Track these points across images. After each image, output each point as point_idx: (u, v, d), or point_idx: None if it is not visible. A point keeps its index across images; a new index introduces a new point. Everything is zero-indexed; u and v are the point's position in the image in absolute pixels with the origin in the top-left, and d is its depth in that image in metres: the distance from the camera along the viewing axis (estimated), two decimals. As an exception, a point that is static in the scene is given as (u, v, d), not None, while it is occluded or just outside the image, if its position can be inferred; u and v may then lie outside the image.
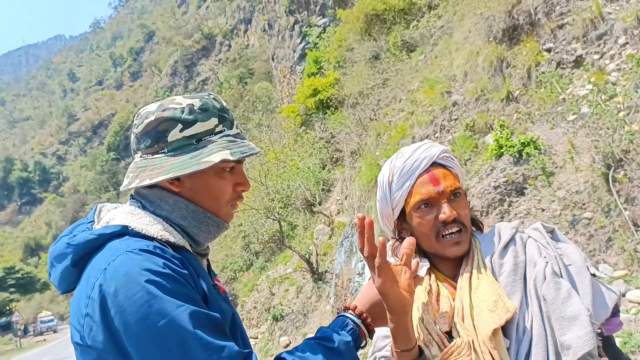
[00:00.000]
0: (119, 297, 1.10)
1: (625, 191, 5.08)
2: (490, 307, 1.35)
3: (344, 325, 1.27)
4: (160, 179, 1.25)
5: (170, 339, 1.08)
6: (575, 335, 1.27)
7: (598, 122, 5.51)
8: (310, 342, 1.23)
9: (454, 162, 1.53)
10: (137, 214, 1.29)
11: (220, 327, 1.16)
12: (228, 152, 1.27)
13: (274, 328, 11.84)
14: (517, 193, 6.33)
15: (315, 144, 16.10)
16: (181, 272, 1.17)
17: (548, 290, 1.34)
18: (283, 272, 13.75)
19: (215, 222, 1.35)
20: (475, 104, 8.26)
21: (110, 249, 1.19)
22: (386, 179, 1.54)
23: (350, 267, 9.85)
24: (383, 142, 10.88)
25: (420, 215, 1.47)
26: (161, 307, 1.09)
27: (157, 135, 1.29)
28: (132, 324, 1.08)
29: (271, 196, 14.35)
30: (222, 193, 1.33)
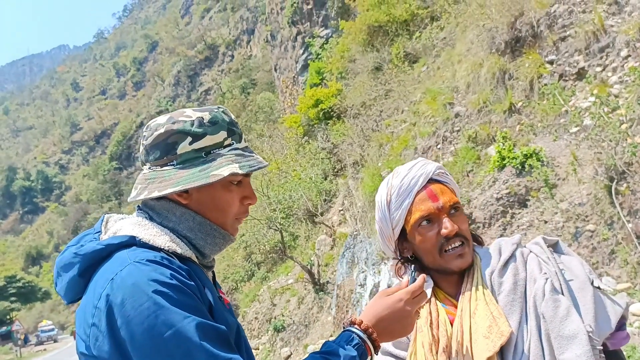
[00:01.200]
0: (125, 307, 1.10)
1: (628, 203, 5.07)
2: (484, 334, 1.35)
3: (350, 339, 1.27)
4: (169, 191, 1.26)
5: (176, 350, 1.08)
6: (573, 355, 1.27)
7: (600, 135, 5.51)
8: (316, 356, 1.23)
9: (448, 177, 1.54)
10: (144, 225, 1.29)
11: (226, 339, 1.16)
12: (237, 165, 1.29)
13: (275, 339, 11.79)
14: (520, 205, 6.32)
15: (317, 155, 16.12)
16: (188, 284, 1.17)
17: (547, 308, 1.34)
18: (284, 282, 13.71)
19: (222, 235, 1.36)
20: (477, 116, 8.27)
21: (117, 259, 1.19)
22: (384, 199, 1.55)
23: (352, 278, 9.82)
24: (385, 152, 10.88)
25: (422, 232, 1.48)
26: (168, 318, 1.09)
27: (166, 148, 1.30)
28: (138, 335, 1.08)
29: (273, 206, 14.34)
30: (229, 206, 1.34)
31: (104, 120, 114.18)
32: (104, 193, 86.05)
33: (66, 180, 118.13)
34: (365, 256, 9.37)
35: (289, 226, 14.98)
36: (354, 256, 9.92)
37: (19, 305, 56.50)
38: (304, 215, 15.09)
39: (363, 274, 9.30)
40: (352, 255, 10.00)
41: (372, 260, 9.05)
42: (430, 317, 1.47)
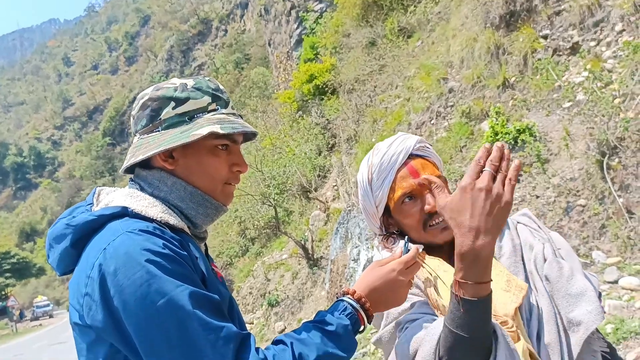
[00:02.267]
0: (118, 276, 1.10)
1: (619, 178, 5.11)
2: (504, 287, 1.33)
3: (343, 309, 1.27)
4: (151, 153, 1.26)
5: (168, 318, 1.08)
6: (584, 311, 1.28)
7: (593, 110, 5.52)
8: (308, 325, 1.24)
9: (429, 150, 1.52)
10: (136, 196, 1.29)
11: (219, 308, 1.16)
12: (218, 126, 1.27)
13: (270, 313, 11.91)
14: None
15: (311, 130, 16.08)
16: (180, 253, 1.17)
17: (551, 270, 1.34)
18: (278, 258, 13.80)
19: (214, 205, 1.35)
20: (471, 91, 8.25)
21: (110, 230, 1.19)
22: (366, 177, 1.53)
23: (345, 253, 9.89)
24: (379, 128, 10.87)
25: (405, 209, 1.46)
26: (160, 287, 1.09)
27: (151, 115, 1.31)
28: (131, 303, 1.09)
29: (267, 182, 14.35)
30: (216, 171, 1.33)
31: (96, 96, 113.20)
32: (97, 169, 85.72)
33: (59, 156, 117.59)
34: (358, 231, 9.42)
35: (283, 202, 15.01)
36: (348, 231, 9.97)
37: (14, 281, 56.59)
38: (297, 191, 15.12)
39: (356, 249, 9.36)
40: (346, 230, 10.05)
41: (366, 235, 9.11)
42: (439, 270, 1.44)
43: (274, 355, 1.14)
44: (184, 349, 1.08)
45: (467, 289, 1.15)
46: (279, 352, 1.16)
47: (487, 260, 1.13)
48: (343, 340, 1.22)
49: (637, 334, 3.84)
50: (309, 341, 1.18)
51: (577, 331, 1.28)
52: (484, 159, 1.13)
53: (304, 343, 1.18)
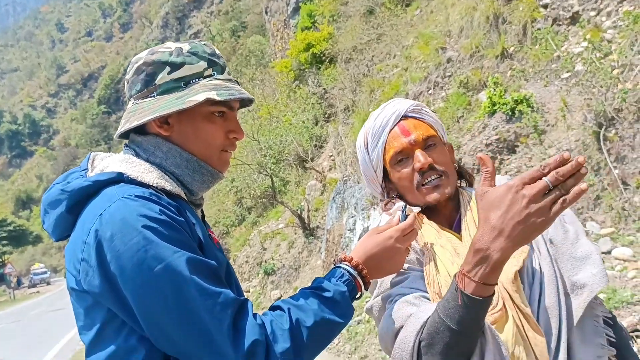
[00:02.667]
0: (115, 242, 1.10)
1: (615, 150, 5.11)
2: None
3: (340, 276, 1.27)
4: (147, 119, 1.24)
5: (166, 284, 1.08)
6: (589, 274, 1.28)
7: (591, 80, 5.49)
8: (305, 291, 1.24)
9: (426, 113, 1.50)
10: (132, 161, 1.28)
11: (217, 274, 1.16)
12: (215, 92, 1.25)
13: (266, 282, 12.02)
14: (509, 151, 6.35)
15: (308, 100, 15.98)
16: (177, 219, 1.16)
17: (556, 233, 1.35)
18: (275, 227, 13.86)
19: (209, 172, 1.34)
20: (469, 61, 8.18)
21: (105, 196, 1.18)
22: (362, 141, 1.54)
23: (341, 223, 9.94)
24: (376, 98, 10.81)
25: (398, 169, 1.46)
26: (157, 253, 1.09)
27: (146, 80, 1.29)
28: (128, 269, 1.09)
29: (263, 152, 14.32)
30: (212, 138, 1.31)
31: (90, 63, 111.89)
32: (92, 137, 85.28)
33: (54, 124, 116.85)
34: (354, 201, 9.45)
35: (280, 171, 15.01)
36: (344, 201, 10.00)
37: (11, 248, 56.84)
38: (294, 161, 15.10)
39: (352, 218, 9.40)
40: (342, 200, 10.08)
41: (362, 205, 9.14)
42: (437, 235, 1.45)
43: (272, 320, 1.15)
44: (182, 314, 1.08)
45: (470, 284, 1.14)
46: (277, 317, 1.16)
47: (498, 264, 1.10)
48: (340, 307, 1.22)
49: (629, 303, 3.90)
50: (306, 307, 1.18)
51: (581, 294, 1.28)
52: (553, 167, 1.04)
53: (301, 309, 1.18)
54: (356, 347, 6.42)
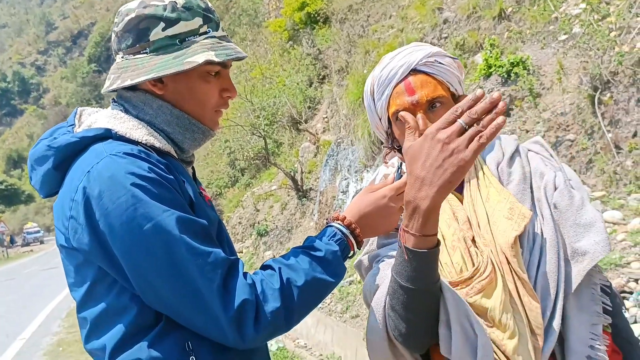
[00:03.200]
0: (103, 199, 1.09)
1: (609, 113, 5.11)
2: (506, 215, 1.31)
3: (332, 235, 1.27)
4: (142, 79, 1.21)
5: (155, 243, 1.07)
6: (592, 241, 1.27)
7: (589, 43, 5.44)
8: (297, 250, 1.23)
9: (441, 66, 1.40)
10: (120, 117, 1.25)
11: (207, 233, 1.15)
12: (213, 53, 1.22)
13: (259, 243, 12.11)
14: (504, 114, 6.33)
15: (302, 60, 15.78)
16: (167, 177, 1.15)
17: (562, 198, 1.33)
18: (268, 188, 13.88)
19: (201, 129, 1.31)
20: (466, 22, 8.07)
21: (93, 152, 1.16)
22: (369, 89, 1.49)
23: (334, 185, 9.96)
24: (371, 59, 10.68)
25: (398, 127, 1.42)
26: (146, 211, 1.07)
27: (138, 34, 1.24)
28: (117, 227, 1.08)
29: (257, 113, 14.21)
30: (207, 97, 1.29)
31: (80, 20, 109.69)
32: (83, 96, 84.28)
33: (44, 82, 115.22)
34: (348, 164, 9.45)
35: (273, 133, 14.93)
36: (337, 163, 10.00)
37: (3, 207, 56.83)
38: (288, 123, 15.01)
39: (345, 181, 9.42)
40: (335, 162, 10.08)
41: (355, 167, 9.15)
42: None
43: (262, 280, 1.14)
44: (172, 273, 1.08)
45: (408, 238, 1.14)
46: (267, 277, 1.16)
47: (428, 213, 1.10)
48: (332, 266, 1.22)
49: (617, 265, 3.96)
50: (297, 266, 1.18)
51: (582, 261, 1.27)
52: (465, 107, 1.05)
53: (292, 268, 1.18)
54: (347, 307, 6.53)
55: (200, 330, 1.12)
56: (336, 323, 6.44)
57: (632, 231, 4.27)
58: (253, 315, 1.09)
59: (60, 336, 9.42)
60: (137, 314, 1.13)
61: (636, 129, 4.86)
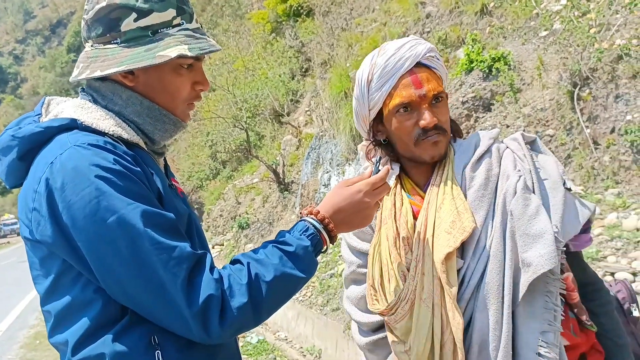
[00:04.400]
0: (66, 192, 1.07)
1: (588, 109, 5.17)
2: (447, 229, 1.33)
3: (304, 229, 1.24)
4: (112, 71, 1.19)
5: (119, 236, 1.06)
6: (537, 254, 1.26)
7: (569, 39, 5.50)
8: (267, 245, 1.21)
9: (439, 62, 1.44)
10: (87, 107, 1.22)
11: (173, 227, 1.13)
12: (186, 47, 1.20)
13: (240, 236, 12.06)
14: (484, 109, 6.37)
15: (285, 53, 15.70)
16: (133, 169, 1.13)
17: (516, 206, 1.32)
18: (249, 181, 13.83)
19: (172, 121, 1.29)
20: (449, 17, 8.10)
21: (57, 143, 1.14)
22: (365, 77, 1.45)
23: (316, 178, 9.96)
24: (354, 53, 10.67)
25: (399, 119, 1.41)
26: (110, 204, 1.06)
27: (109, 24, 1.21)
28: (80, 220, 1.06)
29: (239, 105, 14.13)
30: (178, 91, 1.27)
31: (59, 9, 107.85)
32: (62, 86, 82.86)
33: (22, 72, 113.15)
34: (330, 157, 9.45)
35: (255, 125, 14.87)
36: (319, 157, 10.00)
37: (-20, 199, 55.76)
38: (270, 115, 14.94)
39: (327, 174, 9.43)
40: (317, 155, 10.07)
41: (337, 161, 9.15)
42: (394, 209, 1.45)
43: (229, 275, 1.13)
44: (136, 267, 1.07)
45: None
46: (235, 271, 1.14)
47: None
48: (302, 261, 1.19)
49: (594, 259, 4.02)
50: (266, 261, 1.16)
51: (527, 272, 1.28)
52: None
53: (261, 263, 1.16)
54: (328, 300, 6.54)
55: (166, 325, 1.10)
56: (317, 316, 6.46)
57: (608, 225, 4.34)
58: (218, 310, 1.08)
59: (37, 329, 9.30)
60: (102, 308, 1.12)
61: (614, 125, 4.93)
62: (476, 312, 1.32)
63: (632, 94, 4.88)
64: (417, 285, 1.35)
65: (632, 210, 4.42)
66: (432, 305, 1.33)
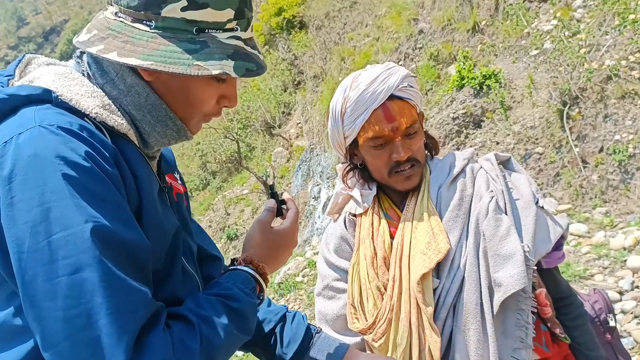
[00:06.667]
0: (12, 184, 0.82)
1: (577, 128, 5.21)
2: (422, 250, 1.34)
3: (246, 281, 1.04)
4: (133, 63, 0.93)
5: (61, 260, 0.80)
6: (507, 274, 1.27)
7: (559, 59, 5.56)
8: (211, 299, 0.98)
9: (412, 90, 1.43)
10: (72, 78, 0.97)
11: (140, 261, 0.88)
12: (232, 64, 0.96)
13: (228, 247, 12.00)
14: (475, 125, 6.41)
15: (277, 65, 15.76)
16: (106, 169, 0.87)
17: (488, 227, 1.33)
18: (239, 192, 13.80)
19: (177, 127, 1.05)
20: (441, 33, 8.17)
21: (20, 118, 0.89)
22: (338, 109, 1.45)
23: (306, 190, 9.95)
24: (346, 67, 10.72)
25: (372, 154, 1.42)
26: (64, 215, 0.81)
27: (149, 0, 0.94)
28: (19, 225, 0.81)
29: (230, 116, 14.14)
30: (202, 103, 1.03)
31: (52, 16, 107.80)
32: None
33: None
34: (320, 170, 9.45)
35: (246, 137, 14.87)
36: (310, 169, 10.00)
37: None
38: (261, 127, 14.96)
39: (317, 187, 9.42)
40: (308, 168, 10.08)
41: (327, 174, 9.15)
42: (372, 228, 1.46)
43: (180, 337, 0.89)
44: (71, 306, 0.79)
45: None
46: (185, 333, 0.91)
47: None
48: (248, 322, 1.02)
49: (581, 277, 4.02)
50: (215, 322, 0.95)
51: (498, 292, 1.29)
52: None
53: (210, 324, 0.94)
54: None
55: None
56: (304, 330, 6.41)
57: (596, 244, 4.35)
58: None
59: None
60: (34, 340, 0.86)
61: (602, 145, 4.97)
62: (456, 332, 1.34)
63: (620, 114, 4.93)
64: (395, 305, 1.37)
65: (619, 229, 4.44)
66: (409, 324, 1.35)
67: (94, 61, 1.00)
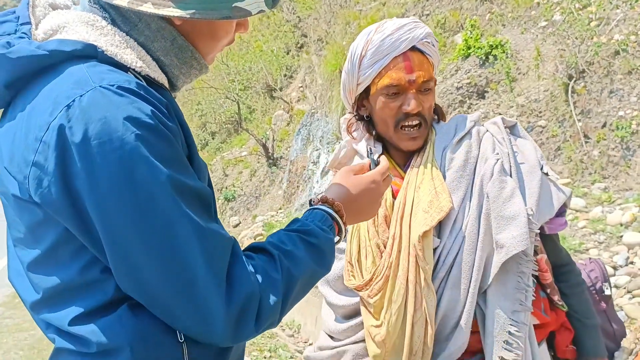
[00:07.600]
0: (89, 150, 0.81)
1: (582, 103, 5.18)
2: (424, 208, 1.35)
3: (323, 219, 1.08)
4: (175, 14, 0.90)
5: (152, 218, 0.83)
6: (510, 235, 1.29)
7: (567, 31, 5.48)
8: (291, 235, 1.03)
9: (434, 48, 1.45)
10: (102, 27, 0.92)
11: (210, 206, 0.94)
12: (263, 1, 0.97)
13: (225, 208, 12.04)
14: (478, 96, 6.36)
15: (281, 27, 15.53)
16: (169, 126, 0.88)
17: (492, 188, 1.34)
18: (238, 154, 13.76)
19: (200, 65, 1.05)
20: (449, 1, 8.04)
21: (72, 77, 0.86)
22: (359, 52, 1.44)
23: (305, 155, 9.93)
24: (351, 31, 10.57)
25: (384, 101, 1.42)
26: (148, 176, 0.82)
27: None
28: (102, 190, 0.82)
29: (231, 77, 14.00)
30: (225, 35, 1.04)
31: None
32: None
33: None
34: (320, 134, 9.42)
35: (247, 98, 14.75)
36: (310, 134, 9.96)
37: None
38: (262, 89, 14.82)
39: (317, 152, 9.41)
40: (308, 132, 10.04)
41: (327, 139, 9.13)
42: None
43: (263, 268, 0.95)
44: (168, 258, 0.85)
45: None
46: (267, 264, 0.96)
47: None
48: (325, 257, 1.06)
49: (576, 251, 4.06)
50: (296, 255, 0.99)
51: (500, 253, 1.31)
52: None
53: (291, 257, 0.99)
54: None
55: (180, 325, 0.90)
56: (298, 292, 6.49)
57: (593, 219, 4.38)
58: (256, 310, 0.90)
59: (17, 289, 9.27)
60: (105, 292, 0.90)
61: (606, 120, 4.95)
62: (446, 289, 1.36)
63: (626, 90, 4.90)
64: (393, 262, 1.38)
65: (617, 205, 4.46)
66: (406, 282, 1.36)
67: (110, 6, 0.95)
